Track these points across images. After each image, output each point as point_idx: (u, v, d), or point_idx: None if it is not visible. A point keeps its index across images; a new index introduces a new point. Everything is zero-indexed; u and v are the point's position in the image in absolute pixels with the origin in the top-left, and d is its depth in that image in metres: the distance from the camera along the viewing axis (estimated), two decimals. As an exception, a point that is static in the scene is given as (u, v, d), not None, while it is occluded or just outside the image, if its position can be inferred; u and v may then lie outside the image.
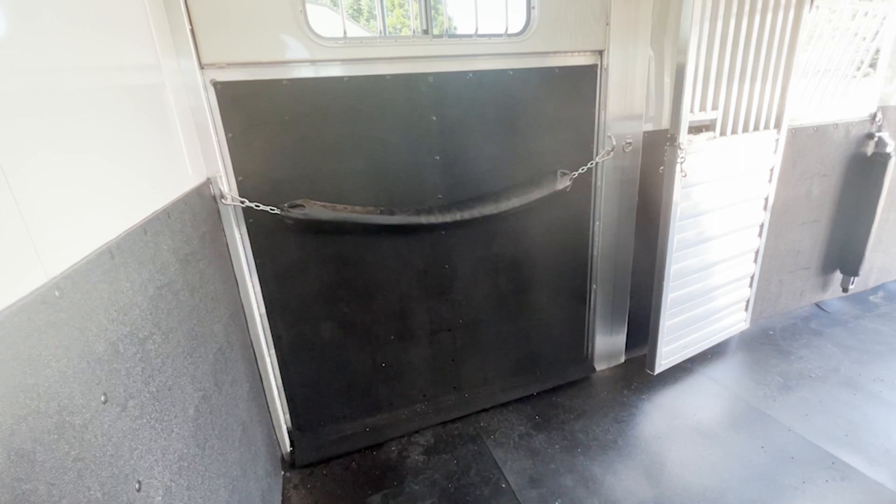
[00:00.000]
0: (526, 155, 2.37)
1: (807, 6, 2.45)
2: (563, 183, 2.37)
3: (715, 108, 2.41)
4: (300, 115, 1.96)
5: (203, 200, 1.74)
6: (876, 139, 3.24)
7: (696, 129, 2.41)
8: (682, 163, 2.32)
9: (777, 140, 2.74)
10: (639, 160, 2.58)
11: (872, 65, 3.13)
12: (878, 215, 3.32)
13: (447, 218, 2.19)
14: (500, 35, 2.15)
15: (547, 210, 2.49)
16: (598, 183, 2.57)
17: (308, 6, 1.86)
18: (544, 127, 2.37)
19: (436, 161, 2.22)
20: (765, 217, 2.91)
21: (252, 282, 2.09)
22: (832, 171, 3.26)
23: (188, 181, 1.63)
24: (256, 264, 2.09)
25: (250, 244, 2.05)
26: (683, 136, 2.30)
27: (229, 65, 1.81)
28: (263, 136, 1.93)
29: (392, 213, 2.12)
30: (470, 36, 2.10)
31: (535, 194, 2.32)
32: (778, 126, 2.70)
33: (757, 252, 3.01)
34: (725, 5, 2.20)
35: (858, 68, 3.04)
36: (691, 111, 2.31)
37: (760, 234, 2.96)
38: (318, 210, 1.99)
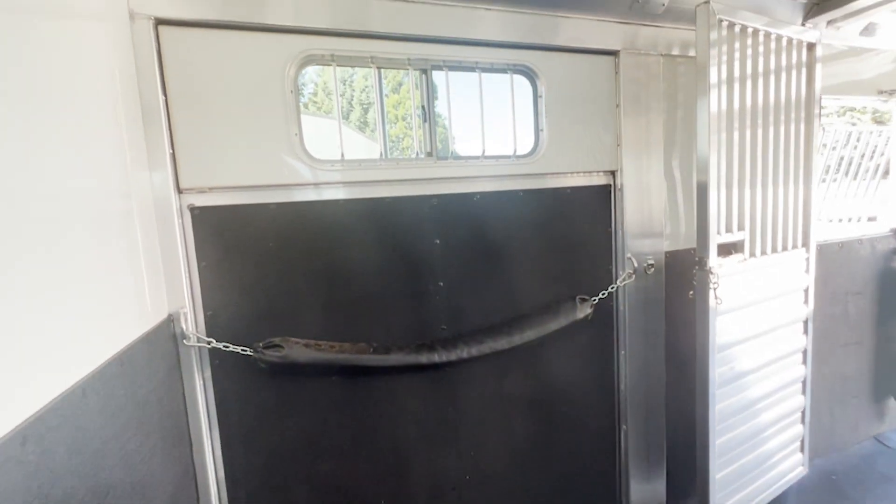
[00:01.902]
0: (540, 280, 2.12)
1: (816, 122, 2.42)
2: (584, 311, 2.09)
3: (741, 228, 2.23)
4: (287, 241, 1.73)
5: (158, 344, 1.42)
6: (903, 254, 3.07)
7: (724, 251, 2.20)
8: (715, 288, 2.07)
9: (807, 259, 2.53)
10: (662, 281, 2.33)
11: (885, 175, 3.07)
12: (925, 335, 3.02)
13: (452, 356, 1.86)
14: (508, 157, 2.03)
15: (565, 340, 2.17)
16: (621, 307, 2.29)
17: (307, 117, 1.73)
18: (558, 249, 2.16)
19: (439, 288, 1.96)
20: (807, 342, 2.59)
21: (210, 439, 1.69)
22: (865, 289, 3.02)
23: (144, 322, 1.34)
24: (219, 417, 1.70)
25: (213, 393, 1.69)
26: (713, 260, 2.07)
27: (211, 189, 1.63)
28: (242, 264, 1.68)
29: (388, 352, 1.79)
30: (477, 158, 1.98)
31: (553, 324, 2.02)
32: (806, 244, 2.51)
33: (804, 382, 2.63)
34: (739, 121, 2.13)
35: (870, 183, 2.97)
36: (718, 232, 2.12)
37: (805, 362, 2.61)
38: (299, 351, 1.66)
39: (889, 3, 2.33)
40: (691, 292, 2.17)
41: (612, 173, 2.23)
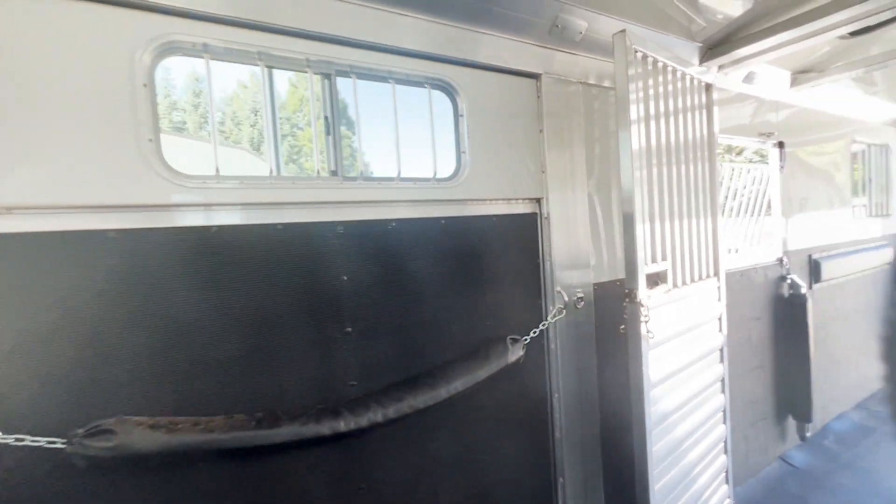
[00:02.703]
0: (466, 320, 1.86)
1: (718, 161, 2.53)
2: (516, 353, 1.86)
3: (664, 258, 2.19)
4: (132, 280, 1.28)
5: None
6: (789, 281, 3.34)
7: (650, 282, 2.14)
8: (646, 321, 1.96)
9: (719, 287, 2.59)
10: (592, 315, 2.21)
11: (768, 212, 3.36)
12: (812, 355, 3.26)
13: (363, 420, 1.49)
14: (427, 180, 1.78)
15: (495, 387, 1.91)
16: (552, 346, 2.11)
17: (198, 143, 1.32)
18: (485, 284, 1.92)
19: (346, 335, 1.60)
20: (723, 370, 2.62)
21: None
22: (763, 314, 3.21)
23: None
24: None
25: (-3, 514, 1.13)
26: (643, 291, 1.98)
27: (11, 210, 1.15)
28: (54, 317, 1.19)
29: (277, 423, 1.37)
30: (391, 179, 1.70)
31: (484, 371, 1.75)
32: (717, 273, 2.58)
33: (724, 411, 2.64)
34: (657, 154, 2.12)
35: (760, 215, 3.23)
36: (645, 262, 2.05)
37: (723, 390, 2.63)
38: (141, 435, 1.18)
39: (762, 55, 2.56)
40: (623, 327, 2.05)
41: (538, 201, 2.09)
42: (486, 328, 1.90)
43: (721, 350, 2.61)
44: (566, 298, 2.07)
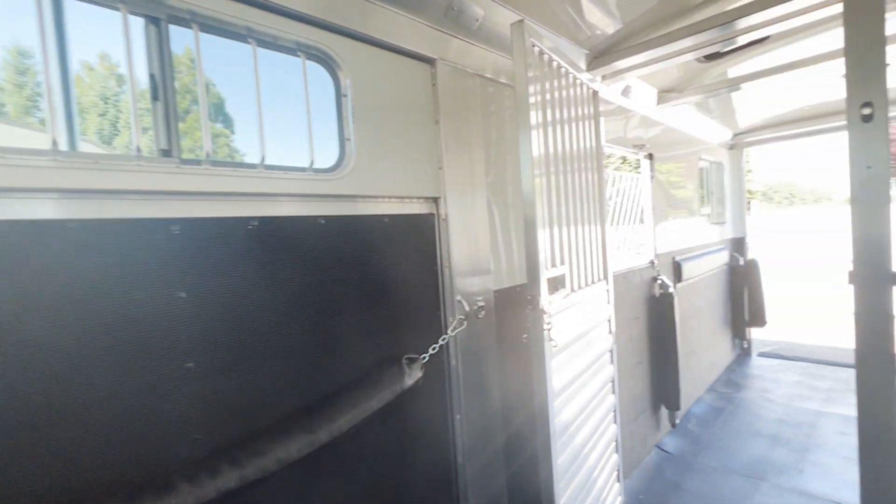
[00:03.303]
0: (353, 340, 1.55)
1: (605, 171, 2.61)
2: (414, 375, 1.60)
3: (562, 262, 2.14)
4: None
5: None
6: (659, 282, 3.64)
7: (550, 287, 2.06)
8: (549, 329, 1.86)
9: (608, 290, 2.66)
10: (493, 324, 2.05)
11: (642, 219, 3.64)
12: (679, 348, 3.59)
13: (209, 490, 1.09)
14: (302, 169, 1.44)
15: (389, 417, 1.63)
16: (453, 362, 1.90)
17: None
18: (376, 296, 1.64)
19: (187, 372, 1.18)
20: (614, 371, 2.69)
21: None
22: (640, 313, 3.44)
23: None
24: None
25: None
26: (545, 297, 1.88)
27: None
28: None
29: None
30: (253, 167, 1.33)
31: (375, 401, 1.46)
32: (606, 277, 2.64)
33: (615, 411, 2.70)
34: (554, 161, 2.06)
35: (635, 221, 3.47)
36: (546, 268, 1.95)
37: (614, 390, 2.70)
38: None
39: (636, 69, 2.72)
40: (525, 335, 1.93)
41: (435, 201, 1.87)
42: (378, 349, 1.61)
43: (611, 351, 2.68)
44: (467, 308, 1.88)
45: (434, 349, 1.74)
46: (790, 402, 4.21)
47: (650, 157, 3.58)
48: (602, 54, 2.63)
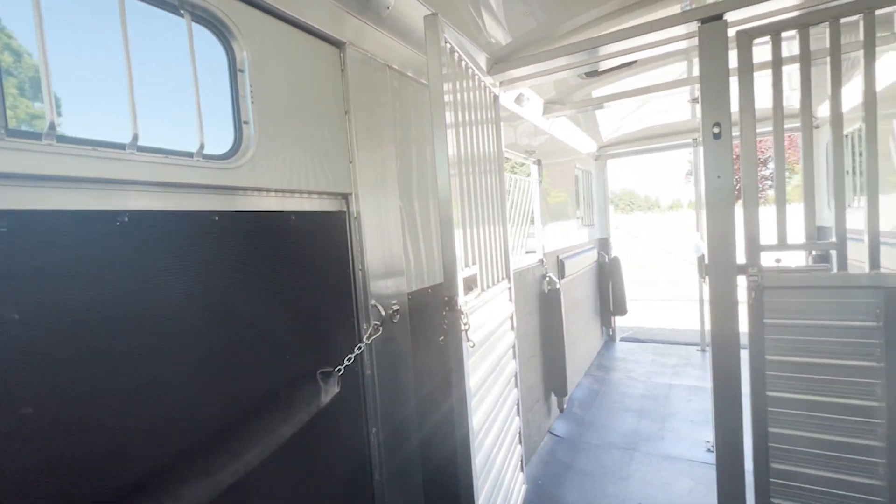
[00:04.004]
0: (255, 358, 1.32)
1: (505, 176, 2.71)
2: (330, 390, 1.43)
3: (474, 262, 2.14)
4: None
5: None
6: (548, 279, 3.93)
7: (465, 287, 2.04)
8: (466, 330, 1.84)
9: (510, 288, 2.77)
10: (408, 328, 1.97)
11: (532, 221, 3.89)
12: (565, 338, 3.92)
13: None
14: (188, 154, 1.18)
15: (303, 440, 1.43)
16: (368, 371, 1.76)
17: None
18: (282, 304, 1.43)
19: (22, 421, 0.86)
20: (516, 366, 2.81)
21: None
22: (534, 309, 3.66)
23: None
24: None
25: None
26: (462, 298, 1.86)
27: None
28: None
29: None
30: (119, 147, 1.04)
31: (289, 425, 1.26)
32: (508, 276, 2.74)
33: (518, 404, 2.82)
34: (465, 161, 2.06)
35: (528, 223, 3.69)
36: (461, 268, 1.93)
37: (517, 385, 2.81)
38: None
39: (527, 80, 2.89)
40: (442, 338, 1.88)
41: (346, 197, 1.72)
42: (289, 364, 1.41)
43: (514, 347, 2.79)
44: (383, 313, 1.76)
45: (350, 359, 1.59)
46: (649, 378, 4.91)
47: (539, 162, 3.86)
48: (500, 61, 2.73)
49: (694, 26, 1.99)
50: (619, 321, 6.52)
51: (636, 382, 4.83)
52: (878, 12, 1.68)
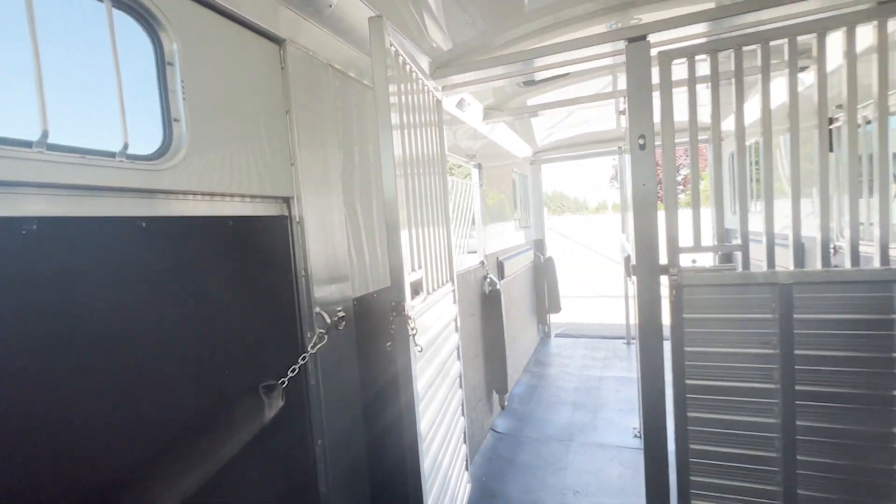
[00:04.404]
0: (190, 376, 1.22)
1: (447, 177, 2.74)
2: (274, 405, 1.36)
3: (420, 265, 2.14)
4: None
5: None
6: (488, 279, 4.03)
7: (412, 291, 2.04)
8: (414, 335, 1.84)
9: (454, 291, 2.80)
10: (353, 335, 1.93)
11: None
12: (506, 337, 4.05)
13: None
14: (110, 154, 1.07)
15: (246, 458, 1.35)
16: (312, 381, 1.70)
17: None
18: (220, 315, 1.33)
19: None
20: (460, 367, 2.85)
21: None
22: (476, 310, 3.74)
23: None
24: None
25: None
26: (409, 303, 1.85)
27: None
28: None
29: None
30: (24, 145, 0.92)
31: (231, 445, 1.18)
32: (451, 278, 2.77)
33: (463, 404, 2.86)
34: (411, 164, 2.05)
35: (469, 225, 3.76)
36: (407, 272, 1.93)
37: (461, 385, 2.86)
38: None
39: (467, 86, 2.96)
40: (389, 343, 1.86)
41: (287, 201, 1.65)
42: (229, 380, 1.32)
43: (458, 348, 2.83)
44: (328, 320, 1.71)
45: (294, 371, 1.53)
46: (581, 371, 5.21)
47: (479, 166, 3.95)
48: (443, 66, 2.76)
49: (621, 44, 2.14)
50: (553, 318, 6.85)
51: (570, 376, 5.10)
52: (772, 43, 1.92)
